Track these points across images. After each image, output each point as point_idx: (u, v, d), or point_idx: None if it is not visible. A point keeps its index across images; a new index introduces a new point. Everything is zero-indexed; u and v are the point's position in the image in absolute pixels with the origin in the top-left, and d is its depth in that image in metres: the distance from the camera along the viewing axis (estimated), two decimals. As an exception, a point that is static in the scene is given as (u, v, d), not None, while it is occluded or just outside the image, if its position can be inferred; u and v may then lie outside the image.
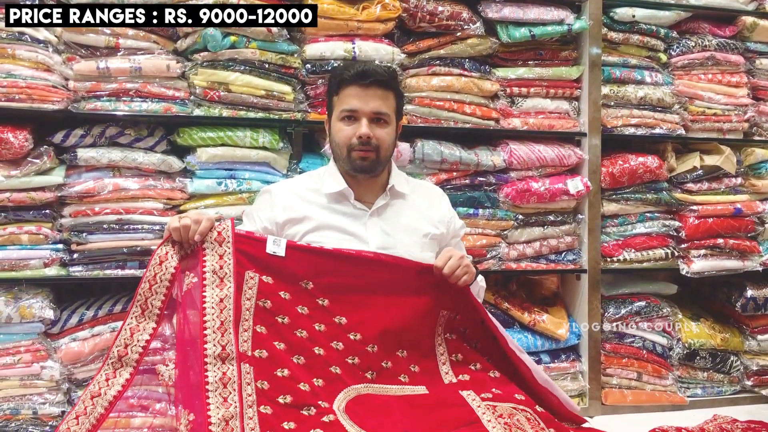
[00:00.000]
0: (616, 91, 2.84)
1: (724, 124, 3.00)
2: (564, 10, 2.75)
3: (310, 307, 1.76)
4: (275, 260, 1.77)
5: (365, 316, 1.79)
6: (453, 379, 1.82)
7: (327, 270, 1.80)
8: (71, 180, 2.30)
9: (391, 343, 1.79)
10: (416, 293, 1.84)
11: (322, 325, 1.76)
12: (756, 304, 2.98)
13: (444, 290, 1.85)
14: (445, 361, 1.85)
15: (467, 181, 2.67)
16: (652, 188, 2.89)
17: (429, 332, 1.86)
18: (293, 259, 1.78)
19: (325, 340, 1.74)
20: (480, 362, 1.88)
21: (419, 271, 1.85)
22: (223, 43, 2.36)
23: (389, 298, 1.82)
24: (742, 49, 3.03)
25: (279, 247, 1.78)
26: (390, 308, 1.81)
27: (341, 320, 1.77)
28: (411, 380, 1.79)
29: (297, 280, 1.78)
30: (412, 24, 2.59)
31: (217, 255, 1.72)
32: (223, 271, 1.71)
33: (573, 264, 2.81)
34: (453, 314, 1.89)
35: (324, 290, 1.79)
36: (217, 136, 2.40)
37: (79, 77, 2.27)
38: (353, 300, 1.80)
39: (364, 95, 1.91)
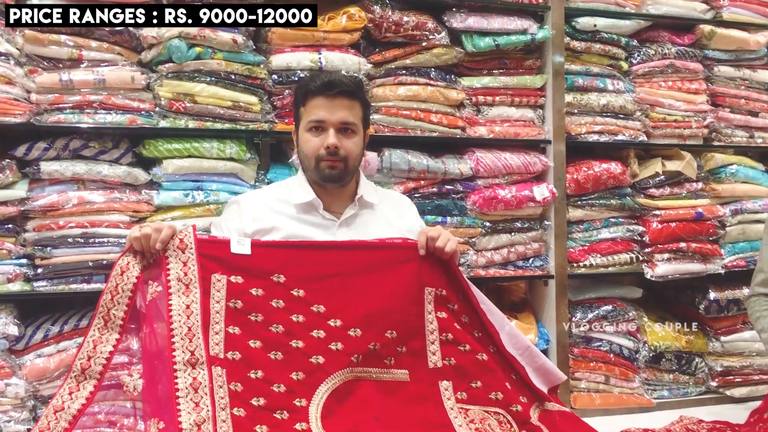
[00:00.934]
0: (579, 99, 2.89)
1: (685, 130, 3.06)
2: (527, 20, 2.79)
3: (286, 300, 1.75)
4: (242, 259, 1.77)
5: (344, 301, 1.78)
6: (438, 363, 1.82)
7: (298, 261, 1.80)
8: (34, 194, 2.26)
9: (378, 325, 1.78)
10: (396, 273, 1.84)
11: (300, 315, 1.75)
12: (719, 306, 3.04)
13: (425, 267, 1.86)
14: (435, 340, 1.84)
15: (435, 189, 2.69)
16: (616, 194, 2.94)
17: (416, 311, 1.85)
18: (260, 256, 1.78)
19: (305, 331, 1.73)
20: (469, 343, 1.87)
21: (396, 250, 1.86)
22: (188, 55, 2.35)
23: (368, 280, 1.82)
24: (701, 57, 3.10)
25: (244, 247, 1.78)
26: (370, 290, 1.81)
27: (320, 308, 1.77)
28: (396, 363, 1.79)
29: (267, 275, 1.77)
30: (378, 34, 2.61)
31: (181, 262, 1.72)
32: (188, 277, 1.70)
33: (540, 270, 2.85)
34: (439, 290, 1.88)
35: (298, 281, 1.78)
36: (184, 147, 2.38)
37: (42, 90, 2.25)
38: (330, 287, 1.79)
39: (330, 106, 1.91)
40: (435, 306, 1.86)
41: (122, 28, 2.31)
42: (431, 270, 1.87)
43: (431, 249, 1.84)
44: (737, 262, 3.09)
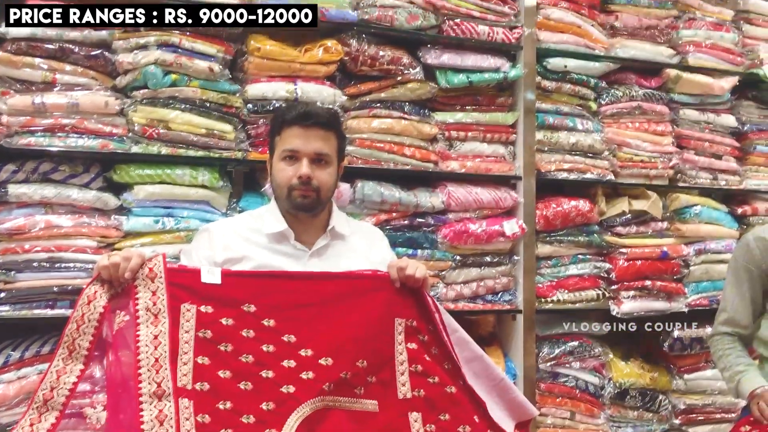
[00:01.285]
0: (549, 137, 2.95)
1: (651, 170, 3.13)
2: (500, 59, 2.85)
3: (256, 330, 1.73)
4: (212, 288, 1.74)
5: (315, 331, 1.76)
6: (408, 394, 1.80)
7: (269, 290, 1.78)
8: (1, 216, 2.23)
9: (349, 354, 1.76)
10: (367, 302, 1.83)
11: (271, 345, 1.73)
12: (683, 344, 3.08)
13: (396, 297, 1.85)
14: (404, 371, 1.82)
15: (406, 222, 2.70)
16: (584, 231, 2.98)
17: (387, 340, 1.83)
18: (231, 285, 1.76)
19: (275, 361, 1.71)
20: (438, 375, 1.85)
21: (367, 281, 1.85)
22: (163, 81, 2.35)
23: (339, 309, 1.80)
24: (667, 100, 3.19)
25: (214, 276, 1.75)
26: (341, 320, 1.79)
27: (290, 338, 1.75)
28: (365, 392, 1.77)
29: (238, 304, 1.75)
30: (354, 67, 2.64)
31: (150, 291, 1.69)
32: (157, 307, 1.67)
33: (509, 304, 2.86)
34: (409, 321, 1.87)
35: (268, 311, 1.76)
36: (156, 173, 2.37)
37: (13, 112, 2.22)
38: (301, 316, 1.77)
39: (305, 136, 1.92)
40: (405, 337, 1.86)
41: (98, 52, 2.31)
42: (402, 300, 1.87)
43: (402, 279, 1.84)
44: (700, 301, 3.15)
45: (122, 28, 2.32)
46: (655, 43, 3.18)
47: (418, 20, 2.69)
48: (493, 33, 2.81)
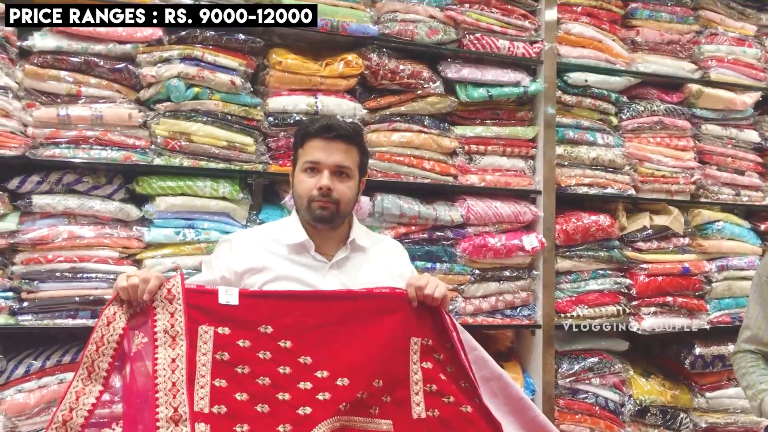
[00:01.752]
0: (569, 152, 2.94)
1: (672, 185, 3.11)
2: (520, 73, 2.85)
3: (273, 351, 1.73)
4: (230, 310, 1.74)
5: (330, 351, 1.76)
6: (423, 414, 1.79)
7: (285, 311, 1.78)
8: (25, 227, 2.26)
9: (365, 374, 1.75)
10: (382, 322, 1.82)
11: (287, 367, 1.73)
12: (704, 361, 3.04)
13: (412, 316, 1.84)
14: (419, 391, 1.82)
15: (425, 235, 2.70)
16: (604, 246, 2.96)
17: (402, 361, 1.82)
18: (248, 307, 1.76)
19: (292, 383, 1.71)
20: (453, 395, 1.84)
21: (383, 300, 1.84)
22: (186, 94, 2.37)
23: (354, 330, 1.79)
24: (689, 115, 3.17)
25: (232, 297, 1.75)
26: (356, 340, 1.78)
27: (306, 360, 1.75)
28: (380, 412, 1.75)
29: (255, 326, 1.75)
30: (374, 81, 2.65)
31: (168, 313, 1.69)
32: (175, 329, 1.67)
33: (528, 319, 2.85)
34: (425, 340, 1.86)
35: (285, 332, 1.76)
36: (177, 185, 2.39)
37: (39, 124, 2.26)
38: (316, 338, 1.77)
39: (327, 148, 1.93)
40: (421, 356, 1.85)
41: (122, 65, 2.34)
42: (418, 319, 1.85)
43: (420, 298, 1.83)
44: (723, 318, 3.11)
45: (146, 43, 2.36)
46: (677, 58, 3.17)
47: (438, 34, 2.70)
48: (514, 47, 2.82)
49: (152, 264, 2.34)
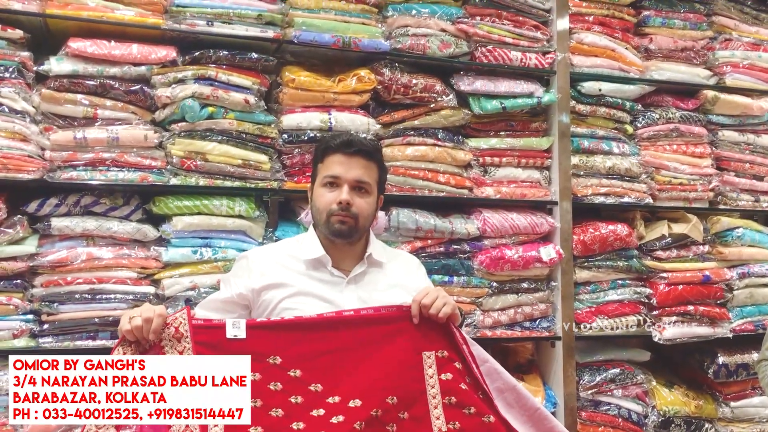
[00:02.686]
0: (585, 161, 2.92)
1: (690, 193, 3.08)
2: (533, 84, 2.84)
3: (283, 382, 1.73)
4: (238, 344, 1.72)
5: (341, 376, 1.75)
6: (443, 428, 1.77)
7: (293, 340, 1.77)
8: (44, 249, 2.27)
9: (377, 392, 1.74)
10: (392, 341, 1.80)
11: (299, 397, 1.72)
12: (728, 370, 3.00)
13: (422, 331, 1.82)
14: (437, 404, 1.80)
15: (442, 248, 2.69)
16: (623, 255, 2.94)
17: (416, 376, 1.80)
18: (256, 338, 1.75)
19: (305, 412, 1.70)
20: (474, 405, 1.80)
21: (391, 319, 1.83)
22: (201, 114, 2.39)
23: (364, 352, 1.78)
24: (705, 122, 3.15)
25: (239, 330, 1.74)
26: (366, 362, 1.77)
27: (317, 387, 1.74)
28: (398, 429, 1.74)
29: (264, 357, 1.74)
30: (387, 96, 2.66)
31: (177, 351, 1.68)
32: None
33: (547, 331, 2.83)
34: (440, 352, 1.83)
35: (294, 361, 1.75)
36: (193, 204, 2.40)
37: (56, 147, 2.28)
38: (325, 364, 1.76)
39: (347, 163, 1.94)
40: (438, 369, 1.83)
41: (137, 87, 2.36)
42: (428, 333, 1.83)
43: (425, 315, 1.81)
44: (745, 326, 3.07)
45: (160, 65, 2.38)
46: (691, 65, 3.15)
47: (450, 48, 2.70)
48: (526, 59, 2.81)
49: (170, 284, 2.35)
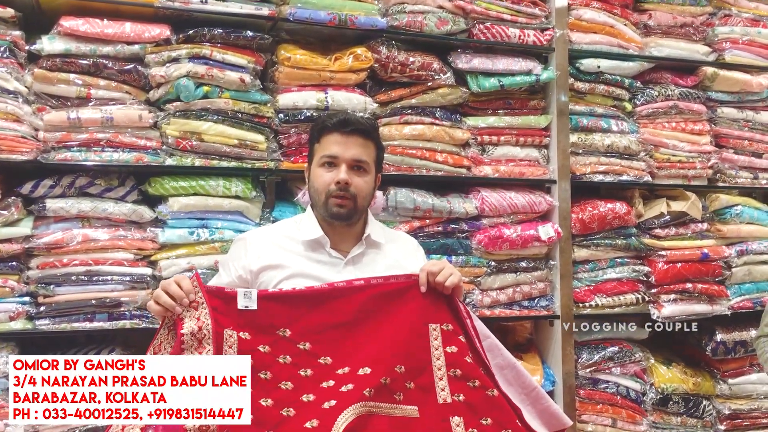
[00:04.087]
0: (583, 139, 2.90)
1: (689, 170, 3.07)
2: (532, 61, 2.82)
3: (293, 355, 1.72)
4: (249, 314, 1.73)
5: (350, 349, 1.75)
6: (448, 399, 1.77)
7: (302, 312, 1.77)
8: (39, 231, 2.26)
9: (385, 360, 1.74)
10: (400, 311, 1.81)
11: (309, 369, 1.72)
12: (726, 348, 3.01)
13: (429, 302, 1.83)
14: (443, 376, 1.80)
15: (440, 228, 2.68)
16: (622, 234, 2.93)
17: (423, 345, 1.80)
18: (266, 310, 1.75)
19: (314, 384, 1.70)
20: (479, 378, 1.81)
21: (399, 288, 1.83)
22: (196, 93, 2.36)
23: (372, 323, 1.78)
24: (704, 99, 3.13)
25: (250, 300, 1.74)
26: (374, 332, 1.78)
27: (326, 360, 1.74)
28: (405, 398, 1.74)
29: (274, 329, 1.74)
30: (384, 74, 2.63)
31: (195, 319, 1.68)
32: (202, 332, 1.66)
33: (546, 310, 2.83)
34: (445, 325, 1.84)
35: (303, 334, 1.75)
36: (189, 185, 2.38)
37: (50, 127, 2.25)
38: (334, 337, 1.76)
39: (344, 142, 1.92)
40: (443, 341, 1.83)
41: (131, 66, 2.33)
42: (434, 305, 1.84)
43: (432, 284, 1.82)
44: (744, 303, 3.07)
45: (154, 43, 2.35)
46: (691, 41, 3.12)
47: (447, 25, 2.67)
48: (524, 36, 2.79)
49: (167, 265, 2.34)
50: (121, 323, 2.30)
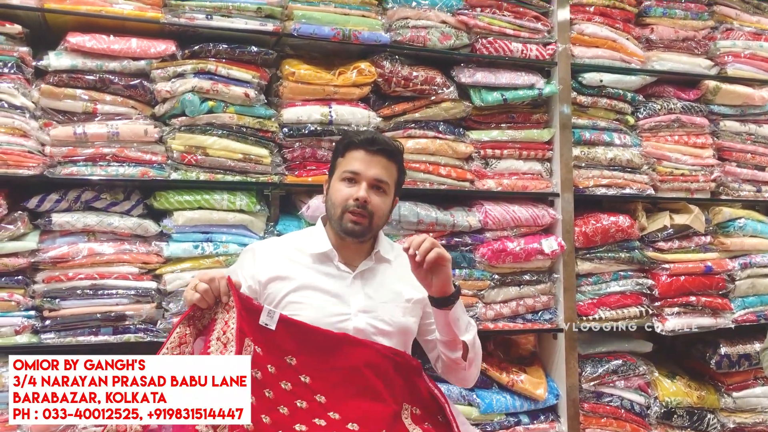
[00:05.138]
0: (586, 153, 2.91)
1: (692, 183, 3.08)
2: (534, 75, 2.83)
3: (293, 384, 1.74)
4: (267, 332, 1.75)
5: (343, 396, 1.78)
6: None
7: (311, 347, 1.79)
8: (45, 245, 2.27)
9: (373, 423, 1.76)
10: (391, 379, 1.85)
11: (304, 402, 1.74)
12: (730, 361, 3.00)
13: (409, 383, 1.88)
14: None
15: (443, 241, 2.68)
16: (625, 247, 2.93)
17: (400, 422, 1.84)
18: (281, 333, 1.77)
19: (308, 417, 1.72)
20: None
21: (395, 360, 1.88)
22: (201, 108, 2.38)
23: (365, 380, 1.81)
24: (707, 112, 3.13)
25: (272, 320, 1.75)
26: (367, 389, 1.81)
27: (321, 399, 1.76)
28: None
29: (283, 354, 1.76)
30: (388, 88, 2.65)
31: (224, 321, 1.71)
32: (227, 336, 1.68)
33: (549, 323, 2.82)
34: (414, 408, 1.89)
35: (306, 367, 1.78)
36: (194, 199, 2.40)
37: (56, 142, 2.27)
38: (333, 378, 1.79)
39: (368, 160, 1.93)
40: (413, 420, 1.87)
41: (137, 81, 2.35)
42: (412, 387, 1.89)
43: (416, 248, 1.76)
44: (747, 317, 3.07)
45: (159, 59, 2.37)
46: (693, 55, 3.13)
47: (450, 40, 2.69)
48: (527, 50, 2.80)
49: (172, 279, 2.35)
50: (126, 337, 2.31)
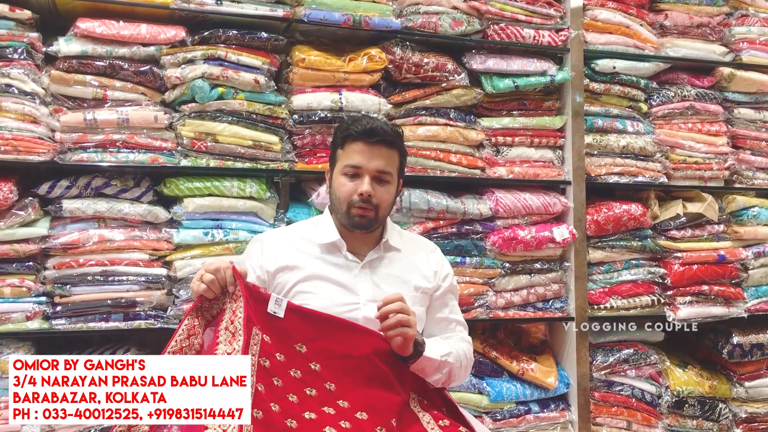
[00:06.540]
0: (599, 140, 2.89)
1: (705, 172, 3.05)
2: (546, 62, 2.81)
3: (303, 371, 1.74)
4: (275, 320, 1.74)
5: (351, 384, 1.76)
6: None
7: (320, 334, 1.78)
8: (56, 231, 2.27)
9: (382, 412, 1.75)
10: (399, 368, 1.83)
11: (314, 390, 1.73)
12: (742, 350, 2.98)
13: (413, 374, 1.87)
14: (434, 427, 1.82)
15: (454, 229, 2.67)
16: (637, 235, 2.91)
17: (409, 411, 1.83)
18: (290, 321, 1.75)
19: (317, 405, 1.71)
20: None
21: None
22: (211, 95, 2.37)
23: (374, 369, 1.79)
24: (721, 99, 3.10)
25: (279, 308, 1.74)
26: (376, 378, 1.79)
27: (331, 386, 1.75)
28: None
29: (292, 342, 1.75)
30: (398, 75, 2.63)
31: (231, 311, 1.70)
32: (234, 326, 1.67)
33: (560, 312, 2.81)
34: (421, 397, 1.88)
35: (316, 354, 1.76)
36: (204, 186, 2.39)
37: (66, 129, 2.27)
38: (341, 366, 1.77)
39: (369, 152, 1.90)
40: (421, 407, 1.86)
41: (147, 68, 2.34)
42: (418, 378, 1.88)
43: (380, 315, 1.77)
44: (761, 306, 3.05)
45: (169, 45, 2.36)
46: (707, 42, 3.09)
47: (462, 26, 2.67)
48: (539, 36, 2.77)
49: (182, 266, 2.35)
50: (137, 323, 2.31)
